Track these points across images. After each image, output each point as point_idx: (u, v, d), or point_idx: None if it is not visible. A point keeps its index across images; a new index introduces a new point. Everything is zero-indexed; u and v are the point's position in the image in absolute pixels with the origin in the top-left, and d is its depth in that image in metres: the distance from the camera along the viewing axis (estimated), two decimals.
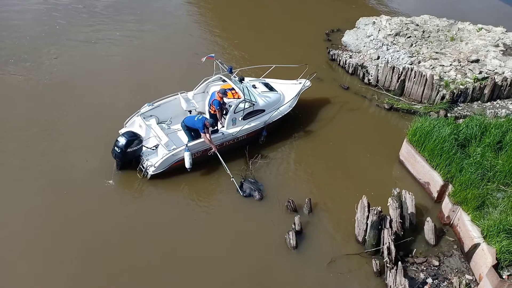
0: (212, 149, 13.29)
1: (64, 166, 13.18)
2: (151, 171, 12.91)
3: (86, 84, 16.55)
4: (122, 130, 13.60)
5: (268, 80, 15.73)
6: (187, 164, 12.98)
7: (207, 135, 13.14)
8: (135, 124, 13.79)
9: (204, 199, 12.96)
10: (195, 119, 13.30)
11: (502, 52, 18.52)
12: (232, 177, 13.06)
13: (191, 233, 11.82)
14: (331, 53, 19.49)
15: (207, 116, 14.30)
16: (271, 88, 15.34)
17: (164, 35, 20.17)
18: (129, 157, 12.96)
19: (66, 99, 15.75)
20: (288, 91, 15.51)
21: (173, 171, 13.14)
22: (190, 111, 14.52)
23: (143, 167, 13.08)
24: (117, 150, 12.68)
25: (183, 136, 13.91)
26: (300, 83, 15.85)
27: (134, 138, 12.83)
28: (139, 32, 20.22)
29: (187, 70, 17.59)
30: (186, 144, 13.09)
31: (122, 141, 12.66)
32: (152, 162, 13.00)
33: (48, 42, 18.69)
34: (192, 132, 13.51)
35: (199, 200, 12.88)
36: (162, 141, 13.26)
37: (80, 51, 18.45)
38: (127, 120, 13.86)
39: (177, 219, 12.14)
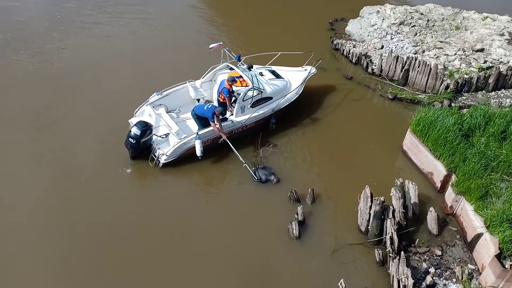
0: (222, 137, 13.34)
1: (77, 154, 13.35)
2: (163, 160, 13.01)
3: (93, 74, 16.61)
4: (133, 120, 13.67)
5: (274, 68, 15.75)
6: (198, 152, 13.05)
7: (217, 123, 13.18)
8: (145, 113, 13.83)
9: (212, 188, 13.14)
10: (205, 108, 13.34)
11: (507, 41, 18.34)
12: (245, 163, 13.16)
13: (197, 222, 11.94)
14: (334, 42, 19.37)
15: (216, 104, 14.33)
16: (277, 76, 15.36)
17: (169, 24, 20.11)
18: (143, 146, 13.07)
19: (74, 89, 15.83)
20: (294, 78, 15.53)
21: (184, 159, 13.24)
22: (198, 100, 14.56)
23: (155, 156, 13.17)
24: (132, 141, 12.77)
25: (193, 125, 13.97)
26: (305, 70, 15.87)
27: (146, 128, 12.93)
28: (144, 21, 20.18)
29: (193, 59, 17.59)
30: (197, 132, 13.15)
31: (136, 131, 12.74)
32: (164, 151, 13.09)
33: (55, 33, 18.70)
34: (202, 120, 13.56)
35: (207, 189, 13.07)
36: (172, 130, 13.38)
37: (87, 41, 18.45)
38: (136, 109, 13.90)
39: (185, 207, 12.30)
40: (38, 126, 14.24)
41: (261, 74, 15.05)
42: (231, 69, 14.74)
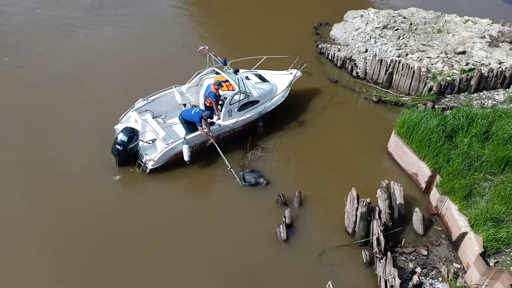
0: (210, 140, 13.35)
1: (63, 163, 13.23)
2: (150, 166, 12.97)
3: (78, 79, 16.50)
4: (118, 126, 13.58)
5: (260, 72, 15.84)
6: (186, 157, 13.05)
7: (205, 127, 13.19)
8: (131, 119, 13.76)
9: (200, 193, 13.14)
10: (192, 112, 13.35)
11: (488, 43, 18.69)
12: (230, 167, 13.18)
13: (185, 226, 11.94)
14: (319, 46, 19.53)
15: (202, 108, 14.36)
16: (263, 79, 15.45)
17: (153, 29, 20.02)
18: (130, 153, 12.98)
19: (59, 95, 15.71)
20: (280, 81, 15.65)
21: (172, 164, 13.22)
22: (184, 105, 14.56)
23: (142, 162, 13.10)
24: (119, 147, 12.65)
25: (179, 130, 13.96)
26: (291, 73, 16.00)
27: (133, 134, 12.85)
28: (129, 26, 20.09)
29: (179, 64, 17.61)
30: (184, 137, 13.13)
31: (122, 138, 12.63)
32: (151, 157, 13.04)
33: (40, 39, 18.52)
34: (190, 125, 13.56)
35: (195, 193, 13.07)
36: (159, 135, 13.32)
37: (72, 47, 18.32)
38: (122, 115, 13.82)
39: (174, 212, 12.30)
40: (24, 132, 14.09)
41: (247, 78, 15.12)
42: (217, 73, 14.77)
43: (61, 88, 16.04)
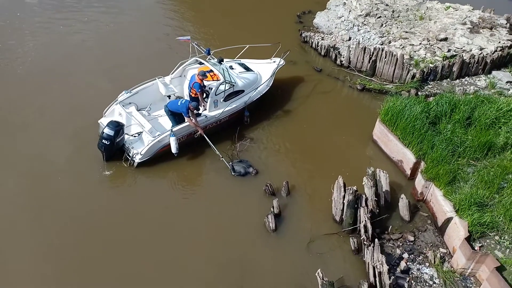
0: (198, 131, 13.25)
1: (50, 159, 13.00)
2: (137, 159, 12.82)
3: (60, 72, 16.25)
4: (102, 120, 13.34)
5: (243, 61, 15.73)
6: (174, 149, 12.94)
7: (192, 118, 13.06)
8: (115, 113, 13.54)
9: (188, 185, 13.09)
10: (179, 104, 13.20)
11: (469, 29, 18.87)
12: (222, 157, 13.15)
13: (174, 218, 11.93)
14: (303, 35, 19.48)
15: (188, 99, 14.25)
16: (247, 68, 15.38)
17: (134, 19, 19.84)
18: (117, 147, 12.77)
19: (41, 87, 15.43)
20: (264, 70, 15.60)
21: (159, 156, 13.10)
22: (169, 96, 14.38)
23: (129, 156, 12.93)
24: (106, 142, 12.41)
25: (165, 122, 13.81)
26: (274, 62, 15.95)
27: (119, 128, 12.62)
28: (109, 16, 19.76)
29: (161, 54, 17.41)
30: (171, 129, 12.99)
31: (109, 132, 12.38)
32: (138, 150, 12.87)
33: (17, 31, 18.11)
34: (176, 116, 13.42)
35: (183, 185, 13.02)
36: (145, 128, 13.14)
37: (51, 38, 18.03)
38: (106, 109, 13.58)
39: (162, 204, 12.25)
40: (7, 127, 13.81)
41: (231, 67, 15.02)
42: (201, 63, 14.63)
43: (43, 80, 15.77)
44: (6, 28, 18.38)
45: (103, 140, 12.46)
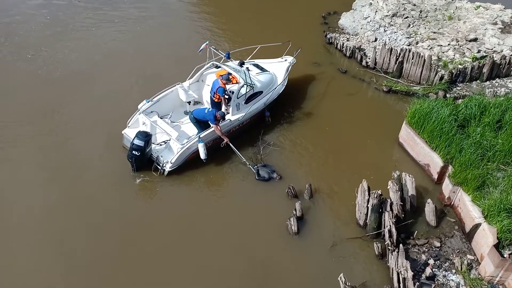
0: (223, 140, 13.29)
1: (83, 168, 13.06)
2: (168, 168, 12.78)
3: (82, 78, 16.31)
4: (127, 131, 13.35)
5: (256, 61, 15.69)
6: (202, 155, 12.89)
7: (219, 127, 13.11)
8: (139, 123, 13.48)
9: (213, 190, 13.13)
10: (205, 112, 13.19)
11: (500, 30, 18.32)
12: (249, 164, 13.14)
13: (198, 223, 11.97)
14: (328, 36, 19.29)
15: (207, 105, 14.36)
16: (262, 69, 15.34)
17: (151, 25, 19.71)
18: (146, 157, 12.73)
19: (68, 93, 15.51)
20: (277, 69, 15.57)
21: (187, 163, 13.10)
22: (189, 102, 14.42)
23: (159, 165, 12.89)
24: (136, 153, 12.32)
25: (188, 128, 13.81)
26: (285, 60, 15.87)
27: (149, 138, 12.57)
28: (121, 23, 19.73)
29: (175, 60, 17.16)
30: (199, 136, 13.01)
31: (139, 143, 12.28)
32: (167, 159, 12.85)
33: (48, 38, 18.27)
34: (201, 123, 13.42)
35: (209, 190, 13.08)
36: (172, 136, 13.10)
37: (76, 43, 18.19)
38: (129, 119, 13.55)
39: (187, 209, 12.31)
40: (40, 132, 14.01)
41: (247, 69, 14.99)
42: (217, 67, 14.62)
43: (68, 86, 15.83)
44: (48, 31, 18.59)
45: (133, 151, 12.32)
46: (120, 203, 12.27)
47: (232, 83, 14.13)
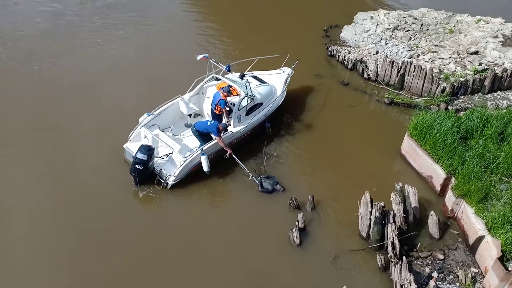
0: (226, 152, 13.24)
1: (83, 182, 12.89)
2: (171, 181, 12.70)
3: (85, 89, 16.35)
4: (128, 145, 13.25)
5: (255, 73, 15.73)
6: (206, 168, 12.82)
7: (222, 139, 13.11)
8: (141, 136, 13.42)
9: (215, 201, 13.08)
10: (208, 124, 13.19)
11: (501, 43, 18.42)
12: (252, 176, 13.10)
13: (201, 234, 11.91)
14: (329, 49, 19.39)
15: (208, 117, 14.36)
16: (261, 81, 15.41)
17: (156, 34, 19.85)
18: (149, 171, 12.66)
19: (67, 103, 15.52)
20: (275, 81, 15.63)
21: (189, 176, 13.04)
22: (190, 115, 14.44)
23: (162, 178, 12.83)
24: (139, 167, 12.22)
25: (190, 141, 13.76)
26: (283, 71, 15.96)
27: (151, 152, 12.52)
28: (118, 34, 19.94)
29: (174, 73, 17.13)
30: (202, 148, 12.98)
31: (142, 156, 12.18)
32: (170, 172, 12.79)
33: (51, 48, 18.32)
34: (204, 136, 13.39)
35: (211, 202, 13.00)
36: (175, 149, 13.06)
37: (87, 52, 18.26)
38: (130, 133, 13.47)
39: (190, 220, 12.24)
40: (41, 145, 13.91)
41: (247, 81, 15.03)
42: (217, 79, 14.67)
43: (68, 96, 15.79)
44: (53, 42, 18.64)
45: (136, 165, 12.23)
46: (123, 216, 12.16)
47: (233, 95, 14.15)
